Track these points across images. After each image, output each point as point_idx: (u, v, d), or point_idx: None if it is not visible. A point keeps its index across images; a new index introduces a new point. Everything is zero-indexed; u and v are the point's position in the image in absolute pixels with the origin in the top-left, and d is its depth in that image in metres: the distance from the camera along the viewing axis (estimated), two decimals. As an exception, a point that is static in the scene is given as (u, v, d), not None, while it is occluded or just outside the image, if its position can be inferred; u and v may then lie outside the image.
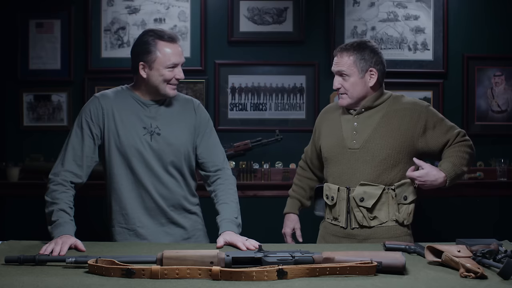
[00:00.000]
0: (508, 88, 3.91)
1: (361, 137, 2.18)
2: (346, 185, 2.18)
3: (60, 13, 3.84)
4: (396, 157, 2.15)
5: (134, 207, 2.10)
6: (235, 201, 2.12)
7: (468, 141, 2.19)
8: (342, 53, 2.18)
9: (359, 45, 2.18)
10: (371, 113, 2.21)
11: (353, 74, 2.16)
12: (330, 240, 2.26)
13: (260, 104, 3.88)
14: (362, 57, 2.15)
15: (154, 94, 2.11)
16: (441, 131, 2.18)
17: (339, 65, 2.18)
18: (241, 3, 3.86)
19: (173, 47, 2.06)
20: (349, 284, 1.40)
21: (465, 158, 2.15)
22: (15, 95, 3.84)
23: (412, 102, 2.22)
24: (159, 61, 2.04)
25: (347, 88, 2.17)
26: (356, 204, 2.15)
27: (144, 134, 2.09)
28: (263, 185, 3.76)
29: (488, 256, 1.53)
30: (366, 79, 2.17)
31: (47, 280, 1.42)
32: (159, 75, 2.06)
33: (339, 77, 2.19)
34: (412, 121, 2.16)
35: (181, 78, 2.09)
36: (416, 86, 3.87)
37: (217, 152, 2.22)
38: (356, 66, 2.15)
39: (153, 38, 2.05)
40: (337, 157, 2.22)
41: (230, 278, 1.42)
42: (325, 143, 2.29)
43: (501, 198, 3.81)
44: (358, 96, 2.18)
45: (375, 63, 2.17)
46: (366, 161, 2.15)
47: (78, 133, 2.07)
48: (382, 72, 2.20)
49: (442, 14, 3.86)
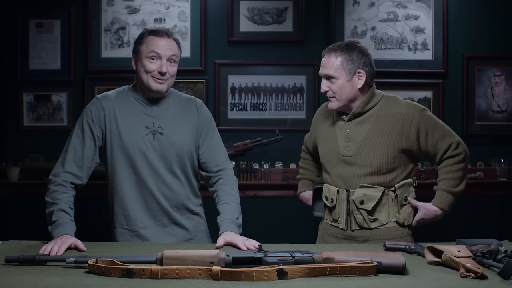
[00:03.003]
0: (508, 88, 3.91)
1: (354, 144, 2.15)
2: (345, 187, 2.17)
3: (60, 13, 3.84)
4: (392, 162, 2.12)
5: (137, 208, 2.09)
6: (236, 202, 2.12)
7: (459, 156, 2.14)
8: (330, 53, 2.14)
9: (347, 45, 2.15)
10: (362, 119, 2.17)
11: (341, 77, 2.12)
12: (330, 241, 2.24)
13: (260, 104, 3.88)
14: (350, 58, 2.11)
15: (146, 89, 2.09)
16: (433, 140, 2.13)
17: (326, 68, 2.14)
18: (241, 3, 3.86)
19: (159, 39, 2.06)
20: (349, 284, 1.40)
21: (457, 178, 2.14)
22: (15, 95, 3.84)
23: (405, 106, 2.16)
24: (142, 51, 2.06)
25: (334, 91, 2.13)
26: (356, 207, 2.14)
27: (147, 133, 2.09)
28: (263, 185, 3.76)
29: (488, 256, 1.53)
30: (354, 81, 2.13)
31: (47, 280, 1.42)
32: (141, 65, 2.07)
33: (326, 81, 2.15)
34: (405, 127, 2.11)
35: (163, 72, 2.04)
36: (416, 86, 3.87)
37: (219, 152, 2.21)
38: (344, 68, 2.11)
39: (147, 33, 2.09)
40: (333, 163, 2.21)
41: (230, 278, 1.42)
42: (321, 149, 2.29)
43: (501, 198, 3.82)
44: (347, 99, 2.14)
45: (363, 65, 2.13)
46: (361, 167, 2.13)
47: (79, 135, 2.07)
48: (371, 73, 2.16)
49: (442, 14, 3.86)
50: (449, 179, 2.14)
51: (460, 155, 2.14)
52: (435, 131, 2.14)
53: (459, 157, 2.14)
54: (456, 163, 2.14)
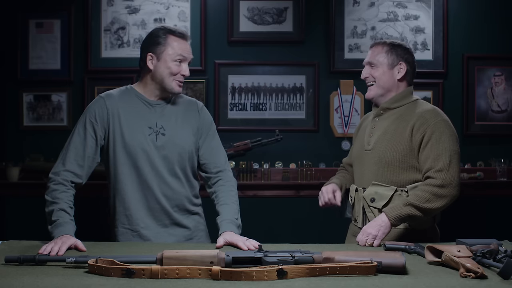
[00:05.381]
0: (508, 88, 3.91)
1: (374, 138, 2.19)
2: (363, 185, 2.18)
3: (60, 13, 3.84)
4: (404, 161, 2.09)
5: (138, 207, 2.09)
6: (235, 203, 2.12)
7: (437, 180, 1.99)
8: (377, 45, 2.23)
9: (394, 42, 2.24)
10: (388, 115, 2.20)
11: (382, 65, 2.18)
12: (351, 240, 2.22)
13: (260, 104, 3.88)
14: (394, 50, 2.19)
15: (160, 90, 2.11)
16: (428, 153, 2.04)
17: (370, 57, 2.22)
18: (241, 3, 3.86)
19: (183, 43, 2.09)
20: (349, 284, 1.40)
21: (424, 196, 1.98)
22: (15, 95, 3.84)
23: (427, 110, 2.12)
24: (167, 53, 2.06)
25: (375, 76, 2.19)
26: (368, 205, 2.14)
27: (150, 134, 2.09)
28: (263, 185, 3.76)
29: (488, 256, 1.53)
30: (395, 72, 2.18)
31: (47, 280, 1.42)
32: (166, 67, 2.06)
33: (368, 67, 2.22)
34: (416, 130, 2.08)
35: (186, 75, 2.10)
36: (416, 86, 3.80)
37: (219, 154, 2.22)
38: (387, 57, 2.18)
39: (164, 32, 2.09)
40: (357, 159, 2.25)
41: (230, 278, 1.42)
42: (354, 148, 2.35)
43: (501, 198, 3.82)
44: (384, 86, 2.18)
45: (406, 60, 2.19)
46: (375, 163, 2.14)
47: (81, 133, 2.06)
48: (412, 72, 2.22)
49: (442, 14, 3.86)
50: (413, 194, 2.01)
51: (438, 180, 1.99)
52: (437, 146, 2.03)
53: (436, 181, 1.99)
54: (429, 185, 1.99)
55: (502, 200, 3.82)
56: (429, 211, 1.99)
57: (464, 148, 3.83)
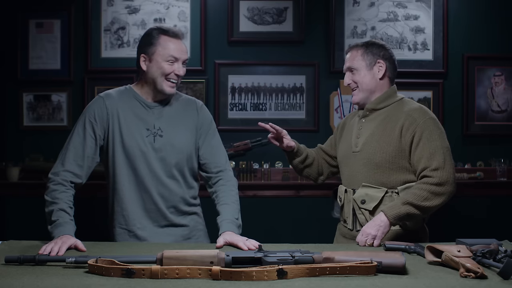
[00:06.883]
0: (508, 88, 3.91)
1: (361, 140, 2.18)
2: (352, 187, 2.18)
3: (60, 13, 3.84)
4: (393, 162, 2.09)
5: (135, 208, 2.09)
6: (236, 203, 2.12)
7: (433, 178, 1.99)
8: (351, 50, 2.24)
9: (367, 42, 2.25)
10: (374, 116, 2.20)
11: (361, 67, 2.19)
12: (340, 241, 2.25)
13: (260, 104, 3.88)
14: (369, 51, 2.19)
15: (154, 91, 2.10)
16: (421, 153, 2.04)
17: (348, 62, 2.23)
18: (241, 3, 3.86)
19: (175, 42, 2.07)
20: (349, 284, 1.40)
21: (421, 195, 1.98)
22: (15, 95, 3.84)
23: (414, 109, 2.12)
24: (159, 53, 2.05)
25: (356, 80, 2.20)
26: (358, 206, 2.14)
27: (147, 135, 2.09)
28: (263, 185, 3.76)
29: (488, 256, 1.53)
30: (375, 71, 2.19)
31: (47, 280, 1.42)
32: (158, 67, 2.06)
33: (349, 73, 2.23)
34: (405, 129, 2.08)
35: (180, 75, 2.08)
36: (416, 86, 3.87)
37: (219, 153, 2.21)
38: (364, 59, 2.19)
39: (157, 32, 2.08)
40: (345, 160, 2.26)
41: (230, 278, 1.42)
42: (339, 148, 2.34)
43: (501, 198, 3.82)
44: (367, 88, 2.19)
45: (383, 57, 2.20)
46: (364, 164, 2.15)
47: (80, 133, 2.06)
48: (392, 67, 2.22)
49: (442, 14, 3.86)
50: (411, 193, 2.00)
51: (435, 178, 1.99)
52: (429, 145, 2.04)
53: (432, 179, 1.99)
54: (426, 183, 2.00)
55: (502, 200, 3.82)
56: (428, 209, 2.00)
57: (464, 148, 3.85)
